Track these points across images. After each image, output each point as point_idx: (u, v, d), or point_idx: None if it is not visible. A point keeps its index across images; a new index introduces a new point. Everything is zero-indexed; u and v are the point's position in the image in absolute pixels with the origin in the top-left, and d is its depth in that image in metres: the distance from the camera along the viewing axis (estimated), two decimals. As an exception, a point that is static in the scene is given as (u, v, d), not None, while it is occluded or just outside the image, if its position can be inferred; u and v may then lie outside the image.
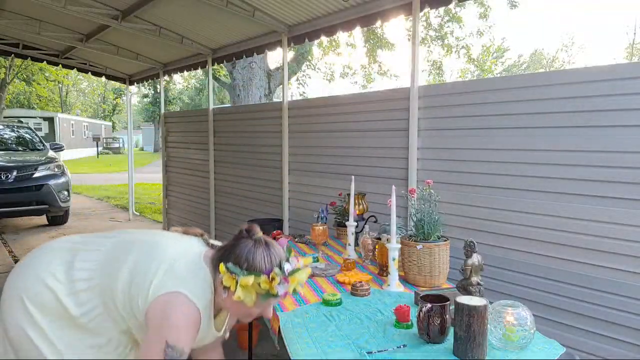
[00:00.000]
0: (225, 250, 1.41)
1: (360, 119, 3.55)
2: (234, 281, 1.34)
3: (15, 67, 16.97)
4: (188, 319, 1.35)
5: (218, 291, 1.41)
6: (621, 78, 2.18)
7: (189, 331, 1.36)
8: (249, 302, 1.35)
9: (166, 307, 1.34)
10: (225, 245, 1.44)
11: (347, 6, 3.49)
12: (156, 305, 1.35)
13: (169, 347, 1.33)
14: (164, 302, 1.35)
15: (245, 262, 1.36)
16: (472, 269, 1.68)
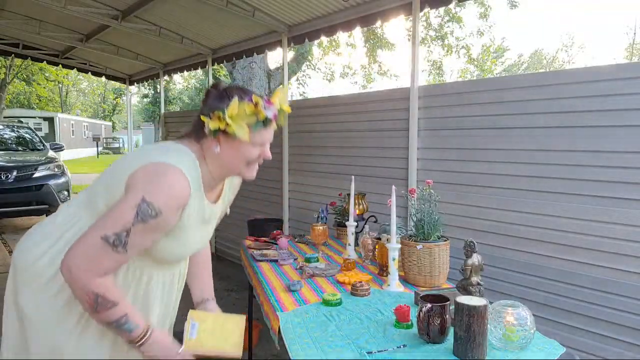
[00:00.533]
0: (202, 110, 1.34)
1: (360, 119, 3.55)
2: (222, 120, 1.28)
3: (15, 67, 16.96)
4: (174, 188, 1.25)
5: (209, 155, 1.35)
6: (621, 78, 2.18)
7: (172, 199, 1.24)
8: (244, 135, 1.30)
9: (151, 172, 1.25)
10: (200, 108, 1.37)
11: (347, 6, 3.49)
12: (139, 171, 1.26)
13: (144, 202, 1.21)
14: (148, 169, 1.26)
15: (227, 99, 1.31)
16: (472, 269, 1.68)
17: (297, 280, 1.98)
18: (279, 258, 2.39)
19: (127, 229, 1.21)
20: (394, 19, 3.35)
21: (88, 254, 1.21)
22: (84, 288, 1.21)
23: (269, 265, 2.35)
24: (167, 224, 1.27)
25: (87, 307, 1.24)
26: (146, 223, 1.22)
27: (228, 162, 1.37)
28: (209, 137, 1.33)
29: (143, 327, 1.30)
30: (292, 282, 1.97)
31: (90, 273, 1.21)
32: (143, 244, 1.27)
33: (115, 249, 1.21)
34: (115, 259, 1.23)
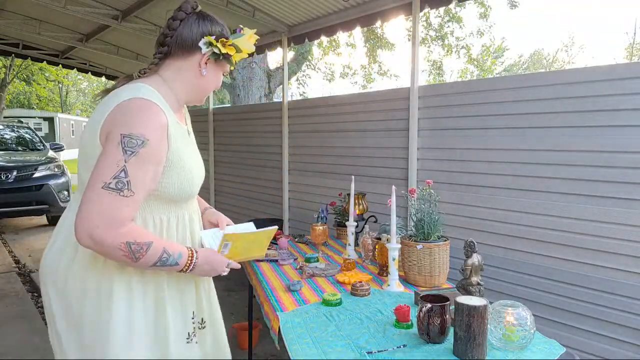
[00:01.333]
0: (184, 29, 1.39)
1: (360, 119, 3.55)
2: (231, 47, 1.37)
3: (15, 67, 16.97)
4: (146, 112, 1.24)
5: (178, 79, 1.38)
6: (621, 78, 2.17)
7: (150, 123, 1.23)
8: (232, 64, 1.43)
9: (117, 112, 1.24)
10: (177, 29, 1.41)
11: (347, 6, 3.49)
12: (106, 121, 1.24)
13: (124, 137, 1.19)
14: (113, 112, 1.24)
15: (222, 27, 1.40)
16: (472, 269, 1.68)
17: (297, 280, 1.98)
18: (279, 258, 2.39)
19: (122, 168, 1.19)
20: (394, 19, 3.35)
21: (98, 210, 1.17)
22: (113, 244, 1.18)
23: (269, 265, 2.35)
24: (159, 151, 1.26)
25: (126, 259, 1.21)
26: (137, 154, 1.20)
27: (204, 86, 1.42)
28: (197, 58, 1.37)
29: (187, 254, 1.31)
30: (292, 282, 1.97)
31: (111, 228, 1.18)
32: (145, 180, 1.24)
33: (121, 193, 1.18)
34: (127, 204, 1.20)
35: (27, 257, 5.46)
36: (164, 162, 1.29)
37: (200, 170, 1.47)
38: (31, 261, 5.28)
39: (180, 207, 1.41)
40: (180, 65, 1.38)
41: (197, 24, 1.38)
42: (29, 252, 5.72)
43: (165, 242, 1.30)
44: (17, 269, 4.98)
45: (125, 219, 1.21)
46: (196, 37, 1.36)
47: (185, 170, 1.35)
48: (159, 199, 1.33)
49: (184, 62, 1.37)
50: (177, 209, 1.40)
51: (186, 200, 1.42)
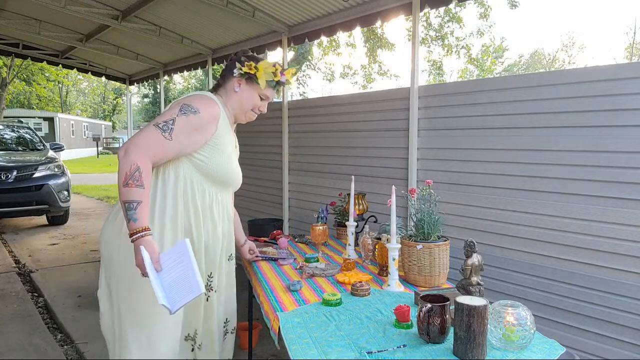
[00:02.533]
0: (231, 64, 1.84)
1: (360, 119, 3.55)
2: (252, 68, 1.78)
3: (15, 67, 16.96)
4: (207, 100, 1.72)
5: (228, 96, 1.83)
6: (621, 78, 2.17)
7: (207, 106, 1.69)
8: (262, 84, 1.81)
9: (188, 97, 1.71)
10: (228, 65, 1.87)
11: (347, 6, 3.49)
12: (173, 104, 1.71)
13: (185, 105, 1.64)
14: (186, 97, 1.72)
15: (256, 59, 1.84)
16: (472, 269, 1.68)
17: (297, 280, 1.98)
18: (279, 257, 2.39)
19: (172, 118, 1.60)
20: (394, 19, 3.35)
21: (142, 137, 1.55)
22: (131, 160, 1.50)
23: (269, 265, 2.35)
24: (206, 125, 1.67)
25: (123, 177, 1.50)
26: (187, 116, 1.62)
27: (241, 102, 1.84)
28: (233, 80, 1.82)
29: (141, 226, 1.50)
30: (292, 282, 1.97)
31: (142, 151, 1.53)
32: (185, 138, 1.61)
33: (163, 133, 1.56)
34: (162, 144, 1.56)
35: (27, 257, 5.46)
36: (208, 139, 1.70)
37: (237, 171, 1.87)
38: (31, 261, 5.28)
39: (217, 188, 1.80)
40: (226, 87, 1.86)
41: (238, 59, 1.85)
42: (29, 252, 5.72)
43: (146, 202, 1.53)
44: (17, 269, 4.98)
45: (155, 154, 1.56)
46: (233, 66, 1.83)
47: (225, 158, 1.76)
48: (202, 171, 1.73)
49: (228, 84, 1.86)
50: (214, 186, 1.78)
51: (222, 183, 1.80)
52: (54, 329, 3.49)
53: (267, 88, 1.85)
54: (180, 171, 1.69)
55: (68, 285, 4.36)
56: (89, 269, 4.94)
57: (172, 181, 1.69)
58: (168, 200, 1.68)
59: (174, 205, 1.68)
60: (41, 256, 5.51)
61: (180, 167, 1.69)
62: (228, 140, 1.79)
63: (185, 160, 1.70)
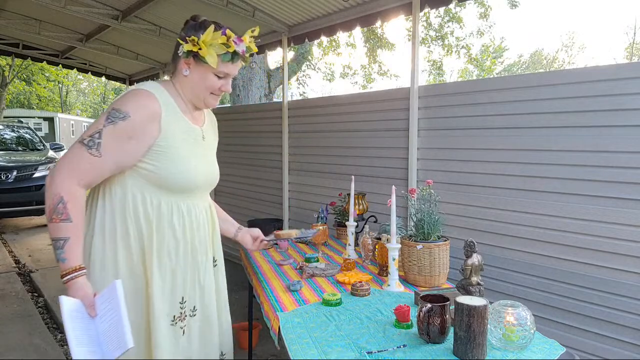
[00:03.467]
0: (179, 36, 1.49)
1: (360, 119, 3.55)
2: (195, 45, 1.42)
3: (15, 67, 16.96)
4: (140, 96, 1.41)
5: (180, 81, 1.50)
6: (621, 78, 2.17)
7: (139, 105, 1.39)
8: (212, 62, 1.44)
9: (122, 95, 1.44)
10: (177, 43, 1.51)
11: (347, 6, 3.49)
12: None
13: (113, 110, 1.38)
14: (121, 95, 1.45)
15: (203, 29, 1.45)
16: (472, 269, 1.68)
17: (297, 280, 1.98)
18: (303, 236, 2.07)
19: (99, 130, 1.35)
20: (394, 19, 3.35)
21: (68, 159, 1.35)
22: (55, 189, 1.31)
23: (269, 265, 2.36)
24: (142, 129, 1.38)
25: (47, 210, 1.31)
26: (115, 125, 1.35)
27: (192, 87, 1.50)
28: (182, 61, 1.48)
29: (70, 266, 1.31)
30: (292, 282, 1.97)
31: (66, 176, 1.32)
32: (118, 150, 1.37)
33: (89, 150, 1.33)
34: (91, 162, 1.34)
35: (27, 257, 5.46)
36: (152, 145, 1.41)
37: (203, 170, 1.55)
38: (31, 261, 5.28)
39: (176, 198, 1.50)
40: (177, 69, 1.53)
41: (184, 29, 1.49)
42: (29, 252, 5.72)
43: (75, 238, 1.33)
44: (17, 269, 4.98)
45: (84, 176, 1.35)
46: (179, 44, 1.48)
47: (179, 162, 1.45)
48: (153, 183, 1.45)
49: (177, 66, 1.52)
50: (171, 197, 1.49)
51: (181, 191, 1.50)
52: (54, 329, 3.49)
53: (222, 64, 1.47)
54: (128, 186, 1.43)
55: (68, 285, 4.36)
56: (89, 269, 4.95)
57: (119, 198, 1.43)
58: (117, 221, 1.44)
59: (123, 225, 1.44)
60: (41, 256, 5.50)
61: (127, 181, 1.43)
62: (182, 138, 1.47)
63: (130, 173, 1.43)
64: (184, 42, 1.44)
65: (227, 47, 1.44)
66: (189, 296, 1.55)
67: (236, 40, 1.45)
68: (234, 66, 1.50)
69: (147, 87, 1.45)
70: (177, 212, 1.49)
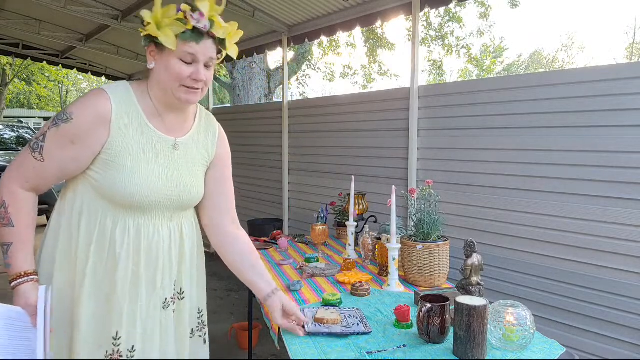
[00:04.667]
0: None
1: (360, 119, 3.55)
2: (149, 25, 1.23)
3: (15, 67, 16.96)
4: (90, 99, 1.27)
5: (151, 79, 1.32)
6: (621, 78, 2.17)
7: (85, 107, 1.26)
8: (169, 43, 1.22)
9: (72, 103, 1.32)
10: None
11: (347, 6, 3.49)
12: None
13: (61, 111, 1.29)
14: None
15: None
16: (472, 269, 1.68)
17: (297, 280, 1.98)
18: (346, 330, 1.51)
19: (43, 133, 1.26)
20: (394, 19, 3.35)
21: (15, 162, 1.30)
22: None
23: (269, 265, 2.36)
24: (84, 132, 1.24)
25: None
26: (58, 127, 1.25)
27: (161, 80, 1.29)
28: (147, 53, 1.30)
29: (15, 272, 1.24)
30: (292, 282, 1.97)
31: (14, 179, 1.27)
32: (59, 154, 1.26)
33: (33, 153, 1.26)
34: (34, 166, 1.27)
35: (27, 257, 5.45)
36: (99, 151, 1.27)
37: (161, 185, 1.33)
38: (31, 261, 5.28)
39: (125, 212, 1.31)
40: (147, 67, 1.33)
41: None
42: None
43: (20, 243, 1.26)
44: (17, 269, 4.98)
45: (27, 179, 1.28)
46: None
47: (125, 173, 1.27)
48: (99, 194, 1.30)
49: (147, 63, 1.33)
50: (119, 211, 1.31)
51: (129, 207, 1.30)
52: (54, 329, 3.48)
53: (183, 44, 1.25)
54: (78, 191, 1.33)
55: (68, 285, 4.36)
56: (89, 269, 4.94)
57: (69, 205, 1.34)
58: (62, 229, 1.34)
59: (68, 236, 1.33)
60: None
61: (78, 187, 1.32)
62: (138, 146, 1.29)
63: (81, 180, 1.32)
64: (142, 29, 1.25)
65: (185, 24, 1.23)
66: (127, 333, 1.30)
67: (194, 15, 1.25)
68: (200, 47, 1.27)
69: (109, 86, 1.30)
70: (122, 229, 1.30)
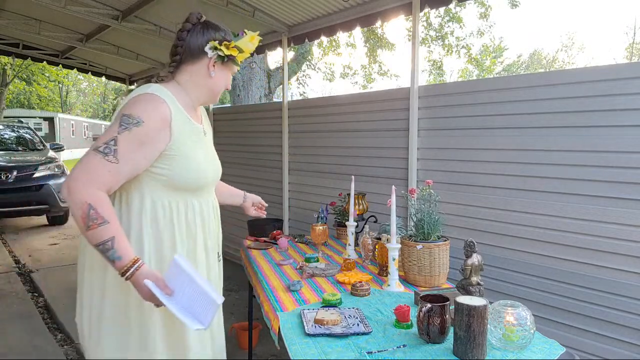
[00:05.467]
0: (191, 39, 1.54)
1: (360, 119, 3.55)
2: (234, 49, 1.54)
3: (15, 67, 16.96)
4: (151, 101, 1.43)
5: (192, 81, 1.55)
6: (621, 78, 2.17)
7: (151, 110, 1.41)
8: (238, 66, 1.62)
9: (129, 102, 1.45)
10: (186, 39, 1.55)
11: (347, 6, 3.49)
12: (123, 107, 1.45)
13: (124, 116, 1.39)
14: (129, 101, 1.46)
15: (224, 32, 1.57)
16: (472, 269, 1.68)
17: (297, 280, 1.99)
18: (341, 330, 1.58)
19: (114, 137, 1.37)
20: (394, 19, 3.35)
21: (84, 167, 1.35)
22: (79, 199, 1.31)
23: (269, 265, 2.36)
24: (154, 135, 1.41)
25: (80, 222, 1.33)
26: (130, 131, 1.37)
27: (214, 86, 1.58)
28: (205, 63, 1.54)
29: (129, 260, 1.34)
30: (292, 282, 1.97)
31: (86, 184, 1.33)
32: (133, 155, 1.38)
33: (106, 157, 1.35)
34: (108, 169, 1.35)
35: (27, 257, 5.46)
36: (163, 149, 1.44)
37: (211, 166, 1.62)
38: (31, 261, 5.29)
39: (189, 196, 1.55)
40: (191, 69, 1.55)
41: (202, 33, 1.54)
42: (29, 252, 5.72)
43: (119, 234, 1.35)
44: (17, 269, 4.98)
45: (103, 182, 1.35)
46: (202, 43, 1.53)
47: (191, 162, 1.50)
48: (168, 185, 1.49)
49: (194, 66, 1.55)
50: (185, 196, 1.54)
51: (194, 190, 1.55)
52: (54, 329, 3.49)
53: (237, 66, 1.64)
54: (145, 191, 1.48)
55: (68, 285, 4.36)
56: (89, 269, 4.95)
57: (136, 204, 1.48)
58: (133, 226, 1.48)
59: (138, 231, 1.47)
60: (41, 256, 5.51)
61: (143, 186, 1.48)
62: (192, 140, 1.52)
63: (145, 178, 1.47)
64: (221, 45, 1.52)
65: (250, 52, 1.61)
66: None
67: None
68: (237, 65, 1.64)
69: (155, 91, 1.46)
70: (191, 210, 1.55)
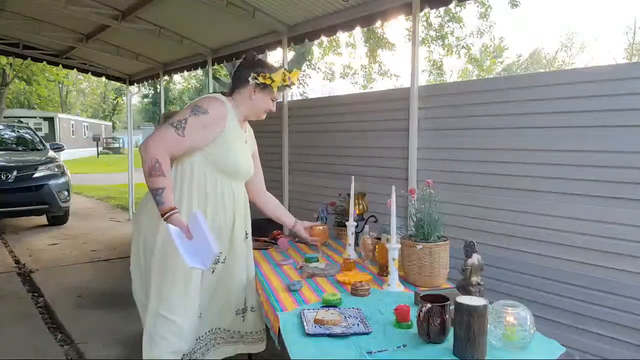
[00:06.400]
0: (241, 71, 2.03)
1: (360, 119, 3.55)
2: (268, 78, 1.97)
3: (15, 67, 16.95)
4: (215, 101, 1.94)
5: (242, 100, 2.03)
6: (622, 78, 2.17)
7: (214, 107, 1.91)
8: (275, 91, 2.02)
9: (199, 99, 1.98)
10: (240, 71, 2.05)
11: (347, 6, 3.49)
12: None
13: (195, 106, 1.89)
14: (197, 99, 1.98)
15: (266, 67, 2.02)
16: (472, 269, 1.68)
17: (297, 280, 1.99)
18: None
19: (185, 118, 1.84)
20: (394, 19, 3.36)
21: (159, 134, 1.82)
22: (151, 154, 1.75)
23: (269, 265, 2.36)
24: (213, 123, 1.90)
25: (147, 169, 1.75)
26: (198, 116, 1.86)
27: (255, 107, 2.06)
28: (248, 88, 2.01)
29: (168, 207, 1.76)
30: (292, 282, 1.97)
31: (159, 146, 1.78)
32: (195, 134, 1.85)
33: (177, 130, 1.82)
34: (176, 139, 1.82)
35: (27, 257, 5.45)
36: (217, 136, 1.92)
37: (245, 161, 2.08)
38: (31, 261, 5.28)
39: (226, 177, 2.00)
40: (240, 92, 2.04)
41: (250, 67, 2.03)
42: (29, 252, 5.72)
43: (169, 187, 1.79)
44: (17, 269, 4.98)
45: (171, 148, 1.82)
46: (247, 75, 2.01)
47: (232, 153, 1.98)
48: (211, 164, 1.95)
49: (242, 90, 2.03)
50: (223, 177, 1.99)
51: (229, 174, 2.01)
52: (54, 329, 3.48)
53: (277, 93, 2.08)
54: (195, 164, 1.93)
55: (68, 285, 4.36)
56: (89, 269, 4.94)
57: (187, 172, 1.93)
58: (184, 189, 1.93)
59: (189, 194, 1.93)
60: (41, 256, 5.50)
61: (195, 161, 1.93)
62: (236, 137, 2.02)
63: (198, 154, 1.92)
64: (258, 76, 1.98)
65: (284, 82, 2.02)
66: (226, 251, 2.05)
67: (290, 77, 2.05)
68: (280, 93, 2.10)
69: (220, 97, 2.00)
70: (228, 190, 2.01)
